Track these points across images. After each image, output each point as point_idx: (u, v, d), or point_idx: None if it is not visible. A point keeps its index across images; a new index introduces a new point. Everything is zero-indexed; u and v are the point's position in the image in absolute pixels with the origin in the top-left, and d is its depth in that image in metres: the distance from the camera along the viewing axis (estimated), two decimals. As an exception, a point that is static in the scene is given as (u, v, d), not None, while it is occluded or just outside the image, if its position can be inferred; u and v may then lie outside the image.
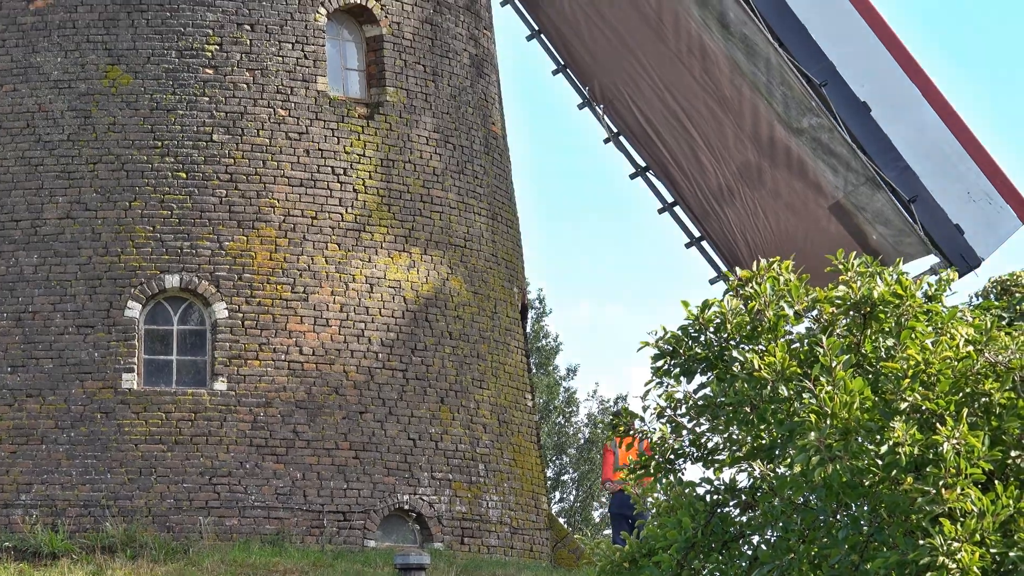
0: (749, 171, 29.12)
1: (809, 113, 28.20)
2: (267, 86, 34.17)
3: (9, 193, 33.57)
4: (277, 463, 32.80)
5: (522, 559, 33.27)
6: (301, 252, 33.63)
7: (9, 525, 31.64)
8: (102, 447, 32.34)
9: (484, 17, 37.91)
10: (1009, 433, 16.99)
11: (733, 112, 29.03)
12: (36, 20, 34.27)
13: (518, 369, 36.97)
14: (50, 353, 32.89)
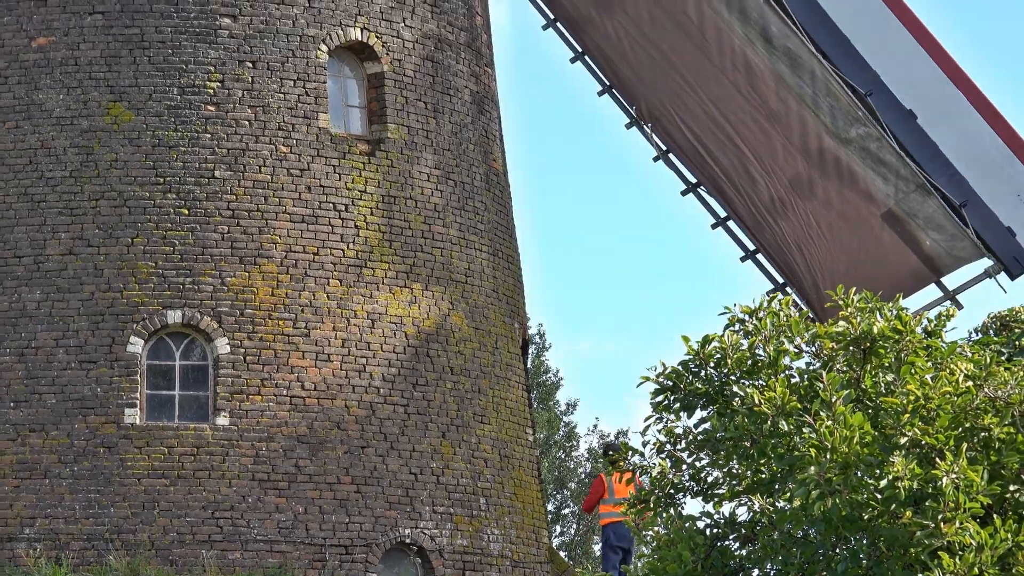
0: (800, 183, 29.24)
1: (856, 123, 28.35)
2: (269, 123, 34.33)
3: (12, 229, 33.73)
4: (279, 497, 32.94)
5: (523, 593, 33.41)
6: (303, 288, 33.80)
7: (13, 559, 31.79)
8: (105, 481, 32.49)
9: (485, 54, 38.11)
10: (1008, 468, 17.20)
11: (781, 125, 29.16)
12: (38, 57, 34.47)
13: (519, 404, 37.10)
14: (53, 388, 33.04)
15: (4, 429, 32.95)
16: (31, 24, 34.58)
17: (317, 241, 34.07)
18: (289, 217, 33.97)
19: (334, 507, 33.21)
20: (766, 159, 29.74)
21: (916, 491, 16.47)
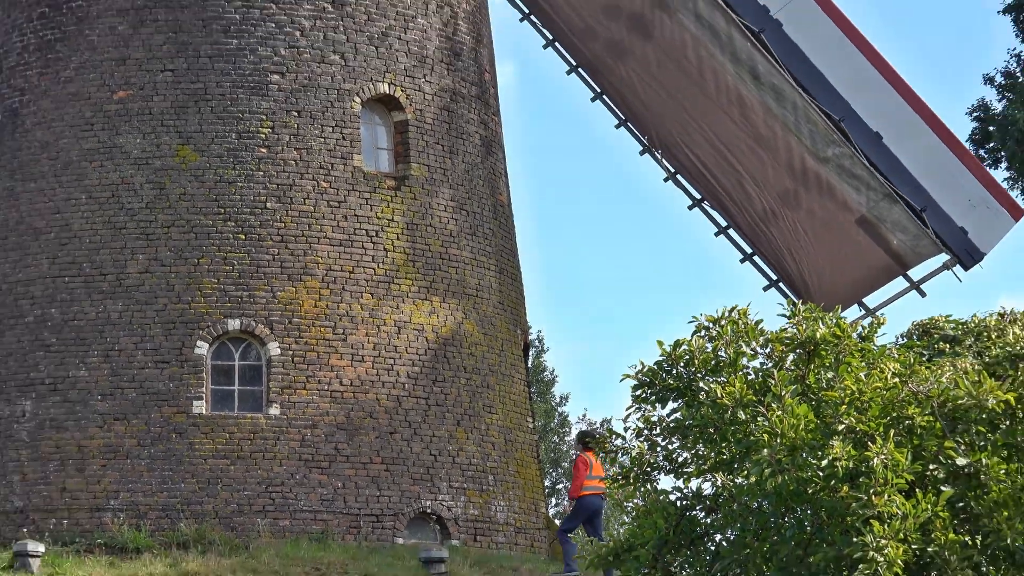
0: (787, 196, 29.28)
1: (832, 144, 28.41)
2: (311, 162, 34.50)
3: (98, 251, 33.91)
4: (321, 475, 33.11)
5: (524, 554, 33.53)
6: (340, 300, 33.97)
7: (101, 525, 31.97)
8: (176, 461, 32.70)
9: (492, 104, 38.25)
10: (928, 450, 17.30)
11: (770, 148, 29.17)
12: (119, 108, 34.63)
13: (521, 397, 37.22)
14: (133, 384, 33.23)
15: (93, 418, 33.15)
16: (113, 80, 34.75)
17: (352, 261, 34.23)
18: (329, 241, 34.14)
19: (367, 483, 33.37)
20: (758, 177, 29.80)
21: (851, 470, 16.64)
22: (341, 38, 35.22)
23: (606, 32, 31.13)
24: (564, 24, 31.66)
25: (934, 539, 16.28)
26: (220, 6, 34.84)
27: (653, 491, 20.22)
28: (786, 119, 28.86)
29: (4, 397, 34.09)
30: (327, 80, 34.94)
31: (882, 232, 28.64)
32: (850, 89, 28.56)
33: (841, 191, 28.86)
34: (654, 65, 30.53)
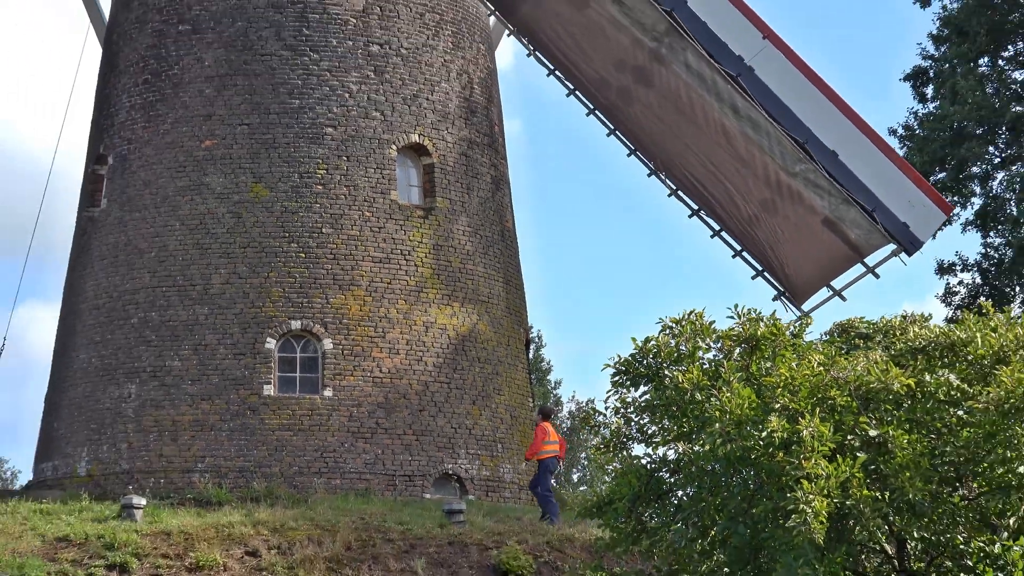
0: (766, 204, 29.33)
1: (799, 162, 28.42)
2: (357, 197, 34.60)
3: (188, 267, 34.06)
4: (365, 444, 33.19)
5: (525, 506, 33.61)
6: (380, 305, 34.07)
7: (190, 484, 32.08)
8: (250, 433, 32.83)
9: (500, 151, 38.25)
10: (846, 424, 17.45)
11: (750, 167, 29.22)
12: (206, 154, 34.79)
13: (523, 382, 37.27)
14: (216, 372, 33.37)
15: (184, 399, 33.29)
16: (201, 132, 34.89)
17: (390, 275, 34.34)
18: (371, 259, 34.24)
19: (401, 450, 33.47)
20: (742, 190, 29.86)
21: (785, 439, 16.78)
22: (381, 99, 35.34)
23: (616, 82, 31.24)
24: (582, 77, 31.76)
25: (851, 495, 16.44)
26: (285, 74, 35.00)
27: (628, 457, 20.56)
28: (761, 143, 28.97)
29: (114, 382, 34.28)
30: (370, 132, 35.05)
31: (842, 229, 28.83)
32: (810, 118, 28.65)
33: (808, 198, 28.98)
34: (656, 106, 30.64)
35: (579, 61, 31.85)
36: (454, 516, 28.94)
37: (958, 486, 17.41)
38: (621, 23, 30.29)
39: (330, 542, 27.13)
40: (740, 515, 17.58)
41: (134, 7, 37.15)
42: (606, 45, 30.98)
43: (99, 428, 34.30)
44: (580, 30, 31.33)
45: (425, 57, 36.20)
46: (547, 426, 31.93)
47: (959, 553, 17.04)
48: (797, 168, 28.90)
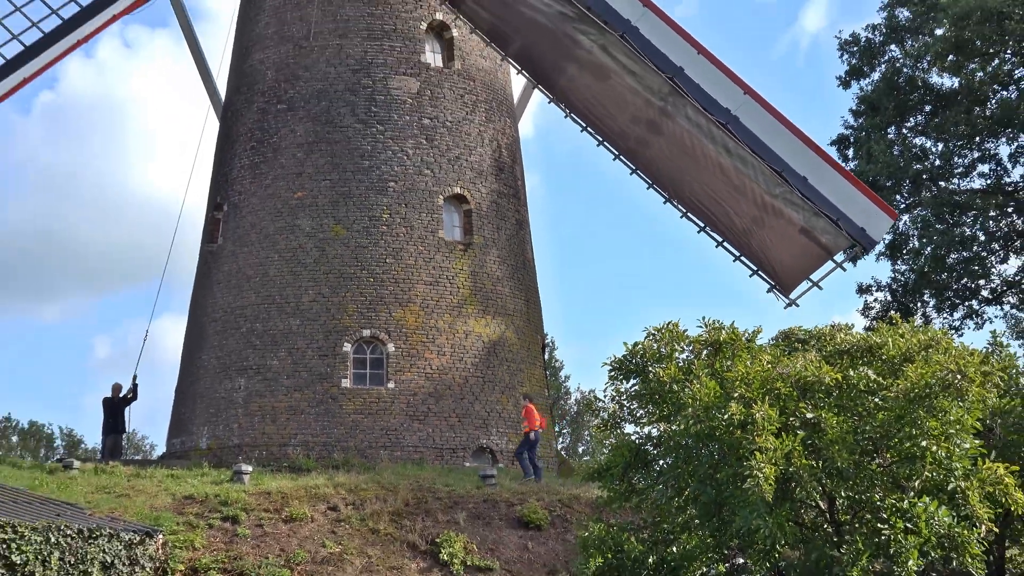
0: (756, 219, 29.35)
1: (778, 186, 28.40)
2: (413, 235, 34.55)
3: (284, 289, 34.08)
4: (419, 424, 33.07)
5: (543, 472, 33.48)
6: (431, 318, 33.98)
7: (285, 455, 32.04)
8: (331, 416, 32.76)
9: (522, 199, 38.17)
10: (788, 409, 17.33)
11: (742, 192, 29.21)
12: (298, 202, 34.82)
13: (540, 377, 37.08)
14: (306, 369, 33.33)
15: (281, 389, 33.25)
16: (294, 185, 34.92)
17: (437, 295, 34.28)
18: (423, 282, 34.18)
19: (447, 429, 33.36)
20: (737, 209, 29.87)
21: (742, 421, 16.71)
22: (431, 160, 35.32)
23: (633, 132, 31.27)
24: (608, 130, 31.77)
25: (793, 463, 16.34)
26: (358, 141, 35.02)
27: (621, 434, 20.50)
28: (749, 174, 28.99)
29: (228, 377, 34.28)
30: (423, 185, 35.03)
31: (815, 235, 28.83)
32: (785, 152, 28.60)
33: (787, 213, 28.94)
34: (666, 149, 30.70)
35: (605, 118, 31.88)
36: (487, 480, 28.83)
37: (875, 456, 17.30)
38: (635, 88, 30.37)
39: (392, 499, 27.06)
40: (707, 479, 17.49)
41: (243, 91, 37.26)
42: (624, 105, 31.05)
43: (216, 412, 34.31)
44: (604, 95, 31.40)
45: (464, 128, 36.19)
46: (532, 407, 31.87)
47: (876, 508, 16.92)
48: (777, 191, 28.96)
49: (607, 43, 30.31)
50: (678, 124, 30.06)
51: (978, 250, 43.46)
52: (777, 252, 30.26)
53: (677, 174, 31.21)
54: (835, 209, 28.72)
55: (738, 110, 29.10)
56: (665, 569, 18.06)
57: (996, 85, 42.62)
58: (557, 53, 31.91)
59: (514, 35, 33.07)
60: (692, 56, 29.48)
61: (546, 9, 31.15)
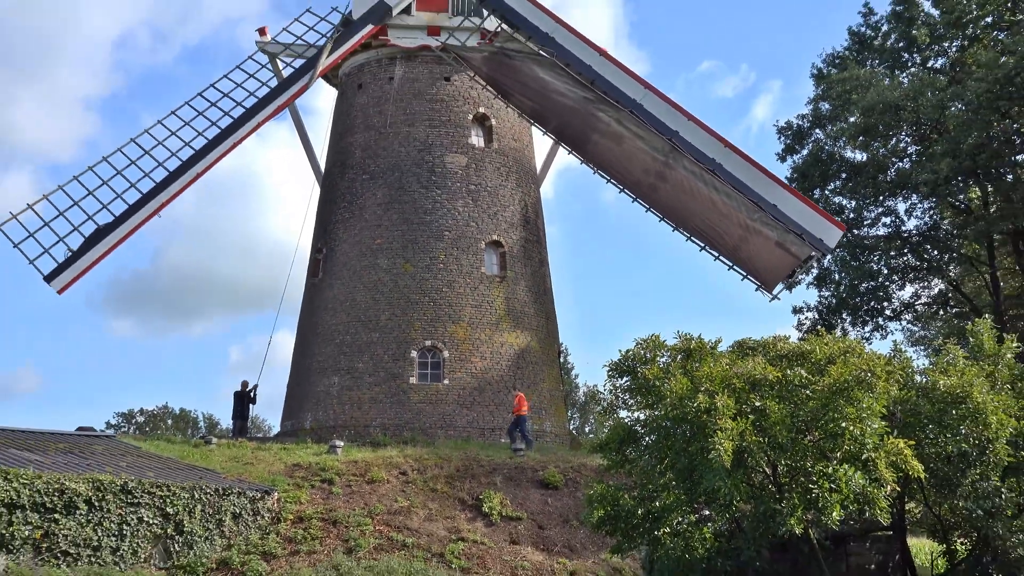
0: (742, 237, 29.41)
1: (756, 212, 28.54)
2: (461, 270, 34.55)
3: (367, 311, 34.13)
4: (467, 410, 32.98)
5: (559, 447, 33.32)
6: (475, 332, 33.93)
7: (368, 433, 32.00)
8: (402, 404, 32.73)
9: (543, 243, 37.94)
10: (742, 399, 17.23)
11: (729, 218, 29.29)
12: (377, 247, 34.89)
13: (556, 376, 36.83)
14: (383, 370, 33.33)
15: (365, 385, 33.26)
16: (374, 234, 34.99)
17: (481, 315, 34.23)
18: (470, 306, 34.15)
19: (487, 414, 33.22)
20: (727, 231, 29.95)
21: (707, 408, 16.61)
22: (476, 215, 35.34)
23: (645, 180, 31.51)
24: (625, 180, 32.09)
25: (745, 440, 16.24)
26: (422, 202, 35.10)
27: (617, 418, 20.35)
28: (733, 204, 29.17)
29: (326, 376, 34.31)
30: (470, 234, 35.04)
31: (787, 246, 28.93)
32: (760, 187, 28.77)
33: (764, 231, 29.03)
34: (672, 191, 30.94)
35: (623, 172, 32.14)
36: (518, 452, 28.79)
37: (807, 434, 17.16)
38: (644, 148, 30.71)
39: (447, 466, 27.02)
40: (681, 451, 17.37)
41: (339, 165, 37.42)
42: (637, 161, 31.38)
43: (317, 401, 34.31)
44: (622, 155, 31.73)
45: (500, 192, 36.22)
46: (522, 396, 31.94)
47: (808, 473, 16.80)
48: (755, 216, 29.13)
49: (620, 117, 30.62)
50: (678, 172, 30.34)
51: (882, 281, 44.12)
52: (760, 260, 30.35)
53: (681, 209, 31.40)
54: (799, 226, 28.85)
55: (721, 159, 29.31)
56: (650, 518, 17.92)
57: (894, 158, 42.82)
58: (584, 126, 32.17)
59: (551, 116, 33.34)
60: (684, 122, 29.74)
61: (573, 95, 31.51)
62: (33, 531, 18.64)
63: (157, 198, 31.05)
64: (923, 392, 18.61)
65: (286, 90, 33.75)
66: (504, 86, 33.75)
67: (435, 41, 35.96)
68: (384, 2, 33.94)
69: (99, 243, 29.92)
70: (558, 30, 31.65)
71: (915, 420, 18.32)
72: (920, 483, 18.40)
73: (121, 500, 19.98)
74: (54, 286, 29.51)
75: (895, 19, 44.60)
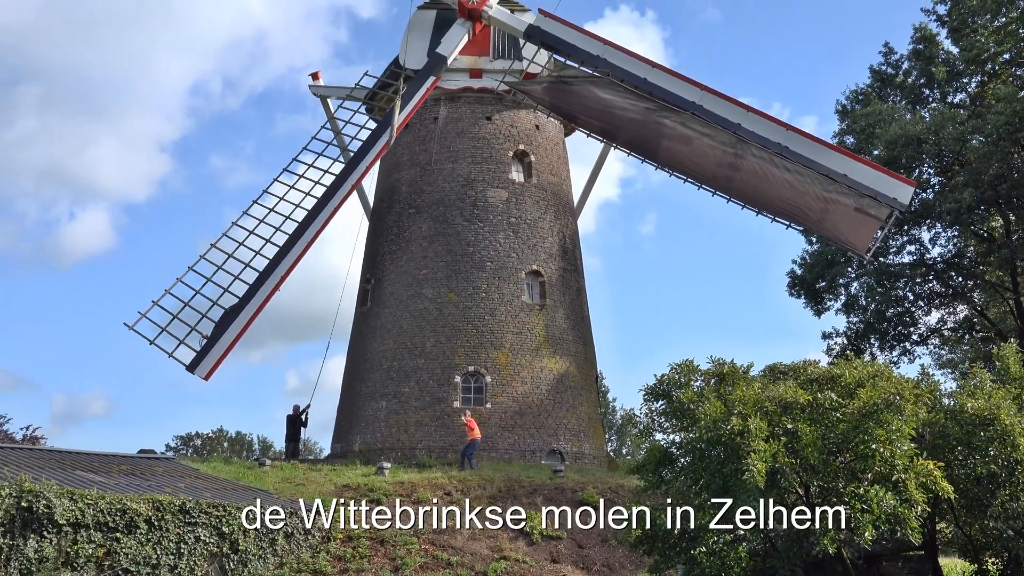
0: (823, 210, 29.48)
1: (830, 184, 28.60)
2: (503, 298, 34.47)
3: (413, 337, 34.10)
4: (509, 433, 32.84)
5: (597, 468, 33.05)
6: (516, 358, 33.79)
7: (414, 455, 31.90)
8: (446, 427, 32.59)
9: (581, 272, 37.80)
10: (774, 422, 16.98)
11: (806, 194, 29.31)
12: (423, 277, 34.92)
13: (594, 400, 36.53)
14: (428, 394, 33.25)
15: (411, 409, 33.16)
16: (420, 265, 35.05)
17: (521, 341, 34.09)
18: (512, 332, 34.04)
19: (528, 436, 33.05)
20: (807, 207, 29.94)
21: (740, 430, 16.38)
22: (516, 246, 35.29)
23: (721, 172, 31.35)
24: (703, 176, 32.15)
25: (778, 461, 16.00)
26: (465, 234, 35.12)
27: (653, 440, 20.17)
28: (807, 180, 29.23)
29: (374, 400, 34.29)
30: (511, 264, 34.98)
31: (865, 210, 28.92)
32: (826, 159, 28.86)
33: (842, 200, 28.98)
34: (746, 179, 30.88)
35: (697, 169, 32.22)
36: (557, 473, 28.55)
37: (838, 456, 16.85)
38: (712, 144, 30.84)
39: (490, 487, 26.81)
40: (716, 473, 17.10)
41: (386, 200, 37.57)
42: (708, 157, 31.43)
43: (366, 424, 34.26)
44: (692, 154, 31.83)
45: (539, 224, 36.14)
46: (472, 420, 30.76)
47: (839, 494, 16.45)
48: (830, 187, 29.30)
49: (684, 120, 30.71)
50: (749, 160, 30.43)
51: (908, 307, 43.55)
52: (845, 227, 30.44)
53: (759, 194, 31.49)
54: (872, 190, 28.95)
55: (786, 141, 29.37)
56: (686, 537, 17.60)
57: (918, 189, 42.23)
58: (652, 135, 32.26)
59: (619, 132, 33.49)
60: (744, 114, 29.72)
61: (635, 108, 31.68)
62: (96, 549, 18.63)
63: (275, 272, 30.10)
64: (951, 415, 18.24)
65: (370, 149, 32.91)
66: (569, 111, 34.11)
67: (477, 83, 36.20)
68: (439, 54, 34.20)
69: (230, 326, 29.42)
70: (608, 51, 31.84)
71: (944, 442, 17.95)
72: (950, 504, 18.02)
73: (179, 520, 19.93)
74: (198, 374, 28.90)
75: (915, 57, 44.24)
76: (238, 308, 29.55)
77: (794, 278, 44.45)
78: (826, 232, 31.17)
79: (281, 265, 30.09)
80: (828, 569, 18.51)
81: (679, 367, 19.56)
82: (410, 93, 33.62)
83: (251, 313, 29.43)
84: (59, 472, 21.63)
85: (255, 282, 29.87)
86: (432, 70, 34.12)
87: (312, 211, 31.12)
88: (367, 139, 33.17)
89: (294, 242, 30.53)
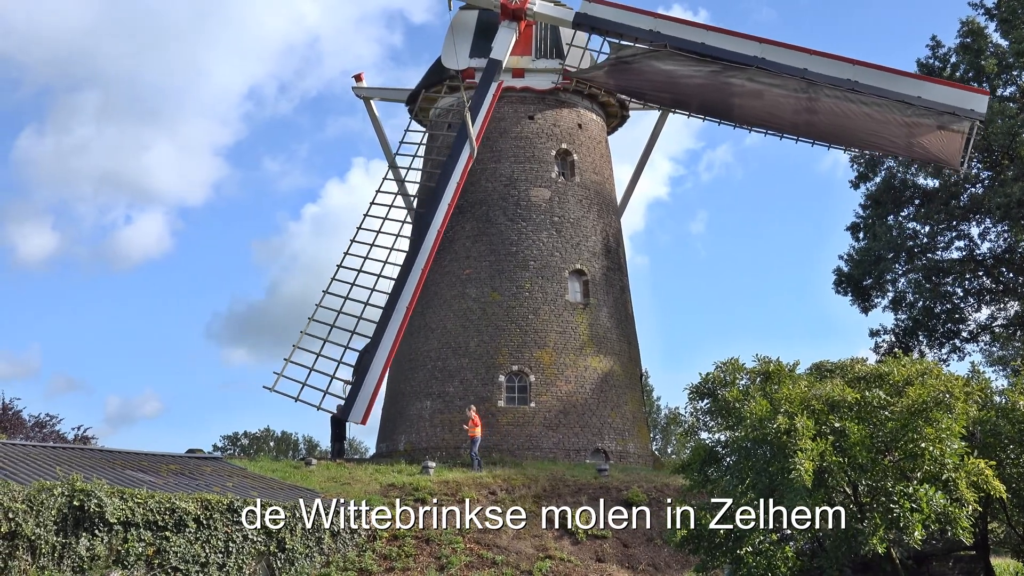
0: (907, 135, 30.98)
1: (907, 108, 29.91)
2: (546, 298, 34.39)
3: (457, 337, 34.11)
4: (553, 432, 32.76)
5: (642, 467, 32.87)
6: (560, 357, 33.71)
7: (459, 454, 31.76)
8: (490, 427, 32.47)
9: (625, 271, 37.66)
10: (820, 420, 16.87)
11: (888, 123, 30.54)
12: (466, 277, 34.89)
13: (639, 398, 36.37)
14: (472, 393, 33.22)
15: (456, 408, 33.13)
16: (464, 265, 35.02)
17: (565, 340, 34.01)
18: (555, 332, 33.95)
19: (573, 435, 32.96)
20: (892, 135, 31.17)
21: (787, 429, 16.24)
22: (559, 245, 35.19)
23: (800, 119, 32.04)
24: (783, 125, 32.91)
25: (826, 460, 15.91)
26: (508, 234, 35.06)
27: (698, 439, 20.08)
28: (886, 109, 30.37)
29: (419, 399, 34.38)
30: (554, 263, 34.89)
31: (947, 126, 30.12)
32: (897, 86, 30.10)
33: (923, 121, 30.23)
34: (826, 120, 31.77)
35: (774, 119, 33.14)
36: (602, 472, 28.48)
37: (887, 454, 16.68)
38: (784, 93, 31.81)
39: (534, 486, 26.79)
40: (762, 472, 16.99)
41: (428, 200, 37.61)
42: (783, 107, 32.35)
43: (411, 424, 34.36)
44: (766, 107, 32.73)
45: (583, 223, 36.02)
46: (476, 416, 30.58)
47: (888, 493, 16.28)
48: (908, 112, 30.54)
49: (750, 75, 31.24)
50: (824, 102, 31.19)
51: (957, 303, 43.01)
52: (933, 147, 30.92)
53: (842, 131, 31.96)
54: (948, 106, 30.01)
55: (855, 76, 30.48)
56: (732, 537, 17.46)
57: (966, 184, 41.78)
58: (722, 96, 32.87)
59: (689, 100, 34.12)
60: (808, 58, 30.66)
61: (699, 74, 32.26)
62: (146, 548, 18.84)
63: (397, 307, 31.80)
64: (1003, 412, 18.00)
65: (455, 165, 33.19)
66: (636, 89, 34.85)
67: (519, 82, 36.24)
68: (495, 59, 34.75)
69: (371, 367, 30.87)
70: (659, 23, 32.24)
71: (995, 440, 17.71)
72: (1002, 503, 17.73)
73: (227, 519, 20.10)
74: (352, 420, 30.78)
75: (963, 51, 43.56)
76: (372, 347, 31.23)
77: (841, 275, 43.96)
78: (916, 155, 31.62)
79: (403, 296, 31.92)
80: (877, 569, 18.31)
81: (724, 365, 19.45)
82: (477, 103, 34.15)
83: (388, 349, 31.20)
84: (109, 472, 21.92)
85: (381, 319, 31.71)
86: (492, 76, 34.75)
87: (414, 240, 32.91)
88: (448, 156, 33.94)
89: (407, 272, 32.36)
